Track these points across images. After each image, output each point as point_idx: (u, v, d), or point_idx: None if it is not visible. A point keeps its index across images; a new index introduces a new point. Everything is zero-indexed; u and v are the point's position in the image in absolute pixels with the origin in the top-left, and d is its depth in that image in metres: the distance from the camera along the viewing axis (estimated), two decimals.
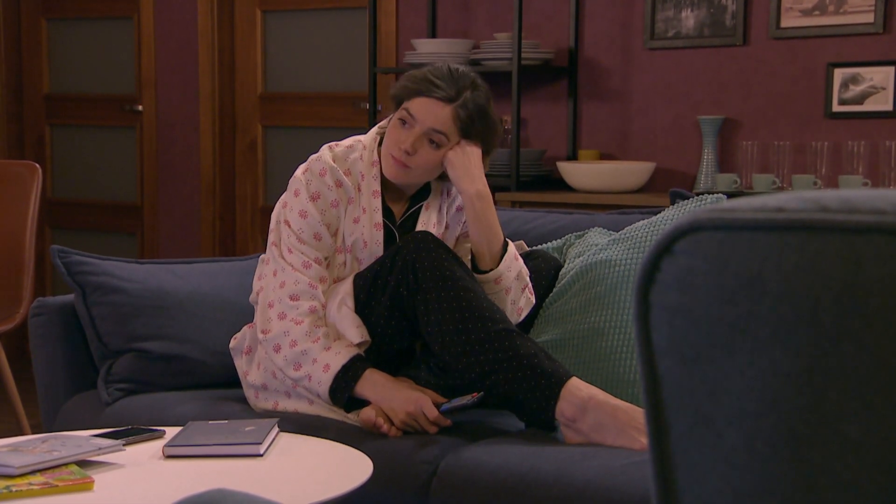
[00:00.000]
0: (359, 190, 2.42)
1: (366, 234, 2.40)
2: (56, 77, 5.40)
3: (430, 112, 2.35)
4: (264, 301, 2.38)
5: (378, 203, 2.42)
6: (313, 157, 2.44)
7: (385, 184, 2.45)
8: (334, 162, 2.41)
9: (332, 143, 2.47)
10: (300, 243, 2.37)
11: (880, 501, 0.63)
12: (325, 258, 2.39)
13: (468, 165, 2.36)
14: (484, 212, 2.37)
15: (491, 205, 2.39)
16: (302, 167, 2.43)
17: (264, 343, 2.36)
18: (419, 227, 2.46)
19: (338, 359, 2.28)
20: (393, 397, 2.24)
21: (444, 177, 2.46)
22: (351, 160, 2.43)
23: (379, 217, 2.42)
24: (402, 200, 2.49)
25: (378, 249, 2.41)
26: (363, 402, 2.30)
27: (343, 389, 2.28)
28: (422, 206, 2.48)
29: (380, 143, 2.45)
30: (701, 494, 0.71)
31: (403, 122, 2.37)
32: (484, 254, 2.39)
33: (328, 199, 2.38)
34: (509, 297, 2.40)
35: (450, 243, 2.49)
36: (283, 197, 2.45)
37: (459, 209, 2.51)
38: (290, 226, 2.38)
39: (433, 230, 2.47)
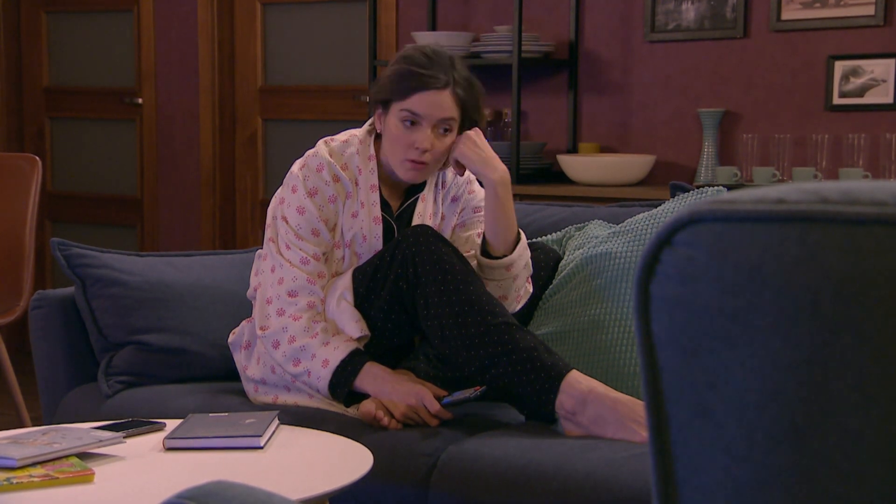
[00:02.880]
0: (356, 184, 2.41)
1: (365, 229, 2.40)
2: (56, 70, 5.40)
3: (434, 104, 2.33)
4: (262, 297, 2.38)
5: (376, 197, 2.42)
6: (309, 152, 2.43)
7: (381, 177, 2.45)
8: (331, 157, 2.40)
9: (328, 138, 2.46)
10: (298, 239, 2.37)
11: (881, 492, 0.64)
12: (324, 254, 2.39)
13: (482, 154, 2.35)
14: (507, 198, 2.36)
15: (510, 190, 2.37)
16: (298, 163, 2.43)
17: (263, 339, 2.36)
18: (416, 219, 2.46)
19: (336, 353, 2.28)
20: (393, 390, 2.25)
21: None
22: (347, 155, 2.42)
23: (377, 211, 2.42)
24: (398, 193, 2.49)
25: (377, 243, 2.41)
26: (363, 396, 2.30)
27: (342, 384, 2.28)
28: (418, 197, 2.48)
29: (375, 137, 2.44)
30: (701, 486, 0.71)
31: (408, 122, 2.34)
32: (499, 241, 2.37)
33: (326, 194, 2.38)
34: (515, 284, 2.40)
35: (446, 234, 2.49)
36: (279, 192, 2.45)
37: (454, 199, 2.51)
38: (287, 222, 2.38)
39: (430, 221, 2.47)
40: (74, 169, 5.41)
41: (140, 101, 5.14)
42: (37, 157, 3.90)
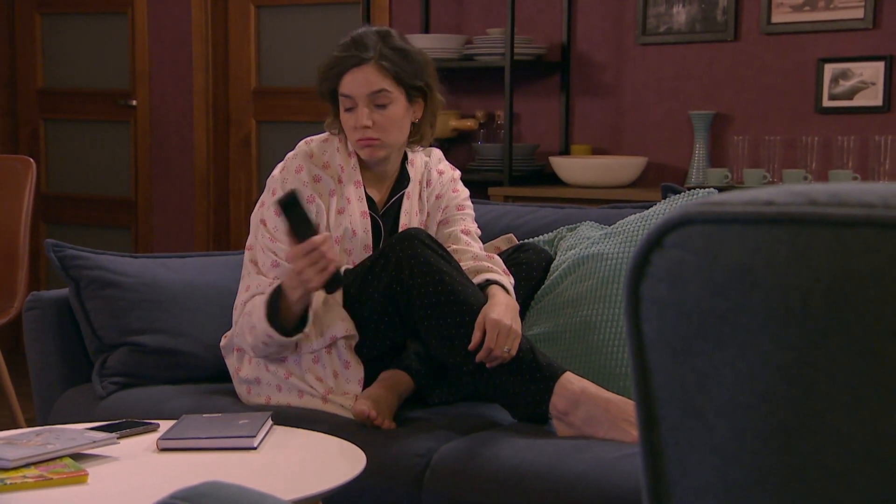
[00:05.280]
0: (340, 182, 2.43)
1: (354, 224, 2.42)
2: (50, 72, 5.39)
3: (359, 81, 2.38)
4: (235, 305, 2.43)
5: (361, 192, 2.44)
6: (290, 154, 2.46)
7: (364, 174, 2.46)
8: (312, 157, 2.43)
9: (308, 138, 2.49)
10: (272, 242, 2.38)
11: (869, 492, 0.63)
12: None
13: (509, 320, 2.25)
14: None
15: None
16: (279, 166, 2.45)
17: (238, 340, 2.38)
18: (403, 216, 2.48)
19: (265, 297, 2.30)
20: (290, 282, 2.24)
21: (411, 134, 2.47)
22: (329, 153, 2.44)
23: (364, 206, 2.44)
24: (382, 189, 2.50)
25: (367, 237, 2.43)
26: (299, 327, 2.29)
27: (273, 307, 2.28)
28: (403, 194, 2.49)
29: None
30: (691, 486, 0.71)
31: (347, 108, 2.39)
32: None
33: (304, 195, 2.38)
34: None
35: (431, 230, 2.51)
36: (261, 197, 2.47)
37: (439, 197, 2.53)
38: (265, 225, 2.40)
39: (416, 218, 2.49)
40: (69, 170, 5.41)
41: (134, 102, 5.13)
42: (31, 159, 3.90)
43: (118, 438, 2.02)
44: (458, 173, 2.60)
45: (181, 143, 5.04)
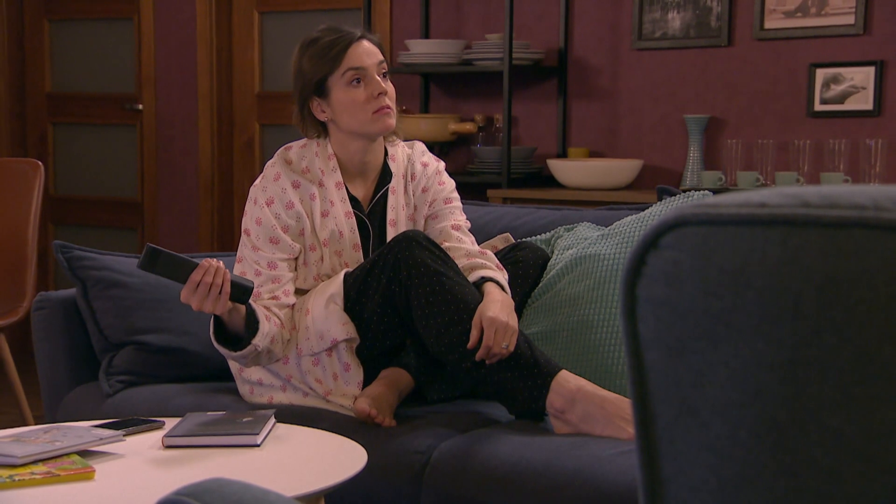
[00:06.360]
0: (321, 185, 2.44)
1: (340, 225, 2.43)
2: (58, 76, 5.41)
3: (366, 51, 2.41)
4: None
5: (344, 193, 2.45)
6: (268, 163, 2.47)
7: (345, 175, 2.47)
8: (290, 164, 2.44)
9: (287, 145, 2.49)
10: (254, 251, 2.40)
11: (859, 488, 0.65)
12: (286, 260, 2.41)
13: (506, 317, 2.27)
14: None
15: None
16: (260, 176, 2.47)
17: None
18: (389, 211, 2.49)
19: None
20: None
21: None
22: (308, 158, 2.45)
23: (348, 206, 2.44)
24: (364, 187, 2.51)
25: (355, 237, 2.44)
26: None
27: (220, 327, 2.32)
28: (388, 189, 2.50)
29: (330, 137, 2.47)
30: (686, 482, 0.72)
31: (356, 80, 2.39)
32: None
33: (283, 201, 2.40)
34: None
35: (419, 224, 2.51)
36: (245, 207, 2.48)
37: (425, 190, 2.53)
38: (248, 234, 2.42)
39: (402, 212, 2.49)
40: (76, 173, 5.43)
41: (140, 106, 5.15)
42: (39, 162, 3.91)
43: (124, 436, 2.03)
44: (442, 164, 2.58)
45: (186, 146, 5.07)
